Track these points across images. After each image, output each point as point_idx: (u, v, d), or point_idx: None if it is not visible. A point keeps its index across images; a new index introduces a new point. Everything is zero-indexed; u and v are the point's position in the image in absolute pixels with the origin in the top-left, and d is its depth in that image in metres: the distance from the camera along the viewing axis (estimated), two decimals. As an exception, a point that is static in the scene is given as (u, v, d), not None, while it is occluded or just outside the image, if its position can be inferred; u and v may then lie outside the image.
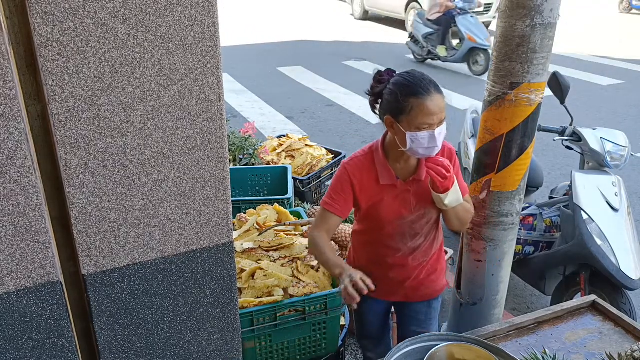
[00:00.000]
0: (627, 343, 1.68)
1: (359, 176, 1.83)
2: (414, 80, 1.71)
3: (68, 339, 1.21)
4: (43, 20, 0.99)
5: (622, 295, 2.64)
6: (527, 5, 1.96)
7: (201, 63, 1.16)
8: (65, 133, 1.07)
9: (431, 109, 1.67)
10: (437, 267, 2.07)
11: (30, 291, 1.13)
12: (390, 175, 1.81)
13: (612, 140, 2.87)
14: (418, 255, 1.95)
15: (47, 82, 1.03)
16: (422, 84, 1.70)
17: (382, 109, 1.79)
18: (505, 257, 2.41)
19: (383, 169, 1.81)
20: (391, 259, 1.94)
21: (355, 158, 1.88)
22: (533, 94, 2.07)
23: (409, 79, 1.72)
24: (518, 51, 2.02)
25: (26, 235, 1.09)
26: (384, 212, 1.84)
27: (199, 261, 1.33)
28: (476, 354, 1.48)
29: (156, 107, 1.15)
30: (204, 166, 1.25)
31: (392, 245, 1.91)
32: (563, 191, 3.26)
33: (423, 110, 1.67)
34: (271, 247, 2.19)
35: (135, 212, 1.21)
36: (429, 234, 1.95)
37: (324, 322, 2.10)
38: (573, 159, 5.01)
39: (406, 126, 1.69)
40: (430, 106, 1.67)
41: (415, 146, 1.70)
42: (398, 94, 1.69)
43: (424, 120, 1.67)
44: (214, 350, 1.45)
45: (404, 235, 1.89)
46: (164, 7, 1.09)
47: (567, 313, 1.83)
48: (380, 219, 1.87)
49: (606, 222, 2.67)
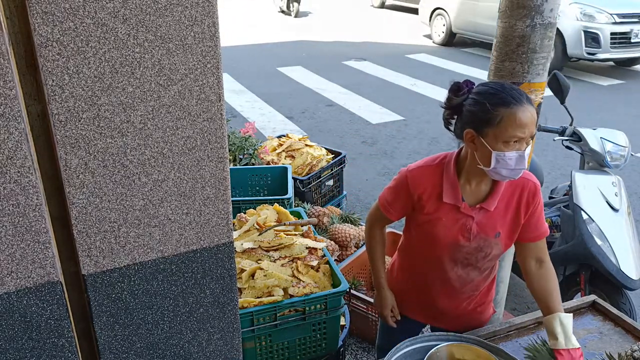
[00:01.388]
0: (627, 343, 1.68)
1: (422, 188, 1.69)
2: (504, 89, 1.53)
3: (68, 339, 1.21)
4: (43, 20, 0.99)
5: (622, 295, 2.64)
6: (527, 5, 1.96)
7: (201, 63, 1.16)
8: (65, 133, 1.07)
9: (523, 120, 1.48)
10: (486, 299, 1.92)
11: (30, 291, 1.13)
12: (456, 196, 1.65)
13: (612, 140, 2.87)
14: (468, 288, 1.80)
15: (47, 82, 1.03)
16: (514, 93, 1.51)
17: (461, 122, 1.61)
18: (506, 257, 2.41)
19: (450, 187, 1.65)
20: (438, 287, 1.81)
21: (420, 167, 1.72)
22: (533, 94, 2.08)
23: (498, 88, 1.54)
24: (518, 51, 2.03)
25: (26, 235, 1.09)
26: (440, 233, 1.69)
27: (199, 261, 1.33)
28: (476, 353, 1.48)
29: (156, 107, 1.15)
30: (204, 166, 1.25)
31: (441, 272, 1.77)
32: (563, 191, 3.27)
33: (515, 121, 1.47)
34: (271, 247, 2.19)
35: (135, 212, 1.21)
36: (485, 268, 1.78)
37: (324, 322, 2.10)
38: (573, 159, 5.01)
39: (492, 140, 1.51)
40: (523, 117, 1.48)
41: (499, 166, 1.52)
42: (486, 103, 1.51)
43: (515, 133, 1.48)
44: (214, 350, 1.45)
45: (456, 263, 1.74)
46: (164, 7, 1.09)
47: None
48: (433, 239, 1.72)
49: (606, 222, 2.67)
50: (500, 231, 1.67)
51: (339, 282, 2.08)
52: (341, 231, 3.11)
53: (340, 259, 3.01)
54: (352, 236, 3.07)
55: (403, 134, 6.20)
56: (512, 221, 1.67)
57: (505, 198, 1.65)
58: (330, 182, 3.71)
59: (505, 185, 1.65)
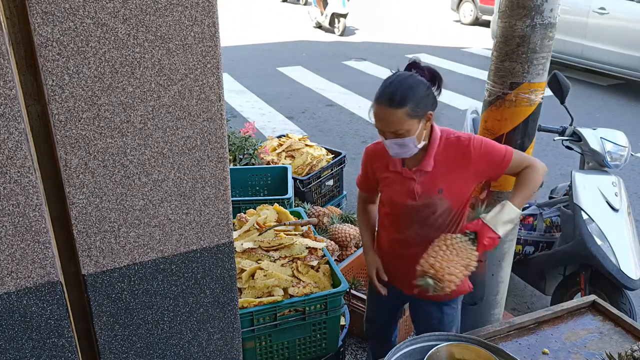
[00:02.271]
0: (627, 343, 1.68)
1: (376, 161, 1.96)
2: (385, 85, 1.74)
3: (68, 339, 1.21)
4: (43, 20, 0.99)
5: (622, 295, 2.64)
6: (527, 5, 1.96)
7: (201, 63, 1.16)
8: (65, 133, 1.07)
9: (381, 118, 1.73)
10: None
11: (30, 291, 1.13)
12: (396, 163, 1.89)
13: (612, 140, 2.87)
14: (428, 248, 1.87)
15: (47, 82, 1.03)
16: (385, 92, 1.72)
17: None
18: (505, 257, 2.41)
19: (390, 157, 1.87)
20: (402, 249, 1.96)
21: (373, 144, 2.00)
22: (533, 94, 2.08)
23: (385, 82, 1.76)
24: (518, 51, 2.03)
25: (26, 235, 1.09)
26: (394, 197, 1.92)
27: (199, 261, 1.33)
28: (476, 353, 1.48)
29: (156, 107, 1.15)
30: (204, 166, 1.25)
31: (401, 232, 1.95)
32: (563, 191, 3.26)
33: (377, 116, 1.75)
34: (271, 247, 2.19)
35: (135, 212, 1.21)
36: (440, 227, 1.89)
37: (323, 322, 2.10)
38: (573, 159, 5.01)
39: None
40: (381, 115, 1.73)
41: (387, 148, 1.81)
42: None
43: (378, 125, 1.76)
44: (214, 350, 1.45)
45: (413, 223, 1.91)
46: (164, 7, 1.09)
47: (567, 313, 1.83)
48: (391, 204, 1.95)
49: (606, 222, 2.67)
50: (443, 188, 1.84)
51: (339, 282, 2.08)
52: (341, 231, 3.11)
53: (340, 259, 3.01)
54: (352, 236, 3.07)
55: (403, 134, 6.19)
56: (457, 177, 1.83)
57: (445, 158, 1.83)
58: (330, 182, 3.71)
59: (443, 147, 1.84)
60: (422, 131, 1.77)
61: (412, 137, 1.73)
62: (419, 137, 1.76)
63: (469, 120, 3.81)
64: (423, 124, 1.76)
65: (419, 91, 1.72)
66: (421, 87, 1.73)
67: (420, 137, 1.77)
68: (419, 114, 1.72)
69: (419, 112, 1.72)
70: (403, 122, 1.70)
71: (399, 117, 1.70)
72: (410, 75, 1.76)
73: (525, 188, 1.80)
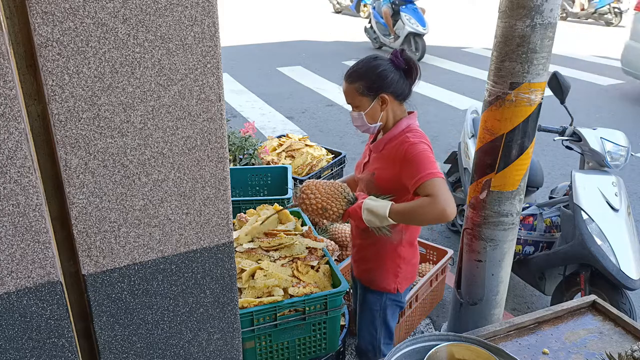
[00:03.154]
0: (627, 343, 1.68)
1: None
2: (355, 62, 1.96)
3: (68, 339, 1.21)
4: (43, 20, 0.99)
5: (622, 295, 2.64)
6: (527, 5, 1.96)
7: (201, 63, 1.16)
8: (65, 133, 1.07)
9: (342, 90, 1.97)
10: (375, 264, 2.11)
11: (30, 291, 1.13)
12: (369, 138, 2.15)
13: (612, 140, 2.87)
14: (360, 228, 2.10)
15: (47, 82, 1.03)
16: (350, 69, 1.95)
17: None
18: (505, 257, 2.41)
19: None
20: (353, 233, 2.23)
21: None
22: (533, 94, 2.08)
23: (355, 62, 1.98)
24: (518, 51, 2.03)
25: (26, 235, 1.09)
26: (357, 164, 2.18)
27: (199, 261, 1.33)
28: (476, 353, 1.48)
29: (156, 107, 1.15)
30: (204, 166, 1.25)
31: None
32: (563, 191, 3.27)
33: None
34: (271, 247, 2.19)
35: (135, 212, 1.21)
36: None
37: (324, 322, 2.10)
38: (573, 159, 5.01)
39: None
40: (342, 88, 1.97)
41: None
42: None
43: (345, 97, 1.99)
44: (214, 350, 1.45)
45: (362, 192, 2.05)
46: (164, 7, 1.09)
47: (567, 313, 1.83)
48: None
49: (606, 222, 2.67)
50: (376, 172, 1.98)
51: (339, 282, 2.08)
52: (341, 231, 3.11)
53: (340, 259, 3.01)
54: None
55: (403, 134, 6.19)
56: (388, 168, 1.94)
57: (390, 148, 1.96)
58: (330, 182, 3.70)
59: (391, 139, 1.97)
60: (375, 111, 1.93)
61: (361, 112, 1.93)
62: (369, 115, 1.94)
63: (469, 120, 3.81)
64: (377, 104, 1.92)
65: (373, 72, 1.88)
66: (377, 70, 1.88)
67: (372, 116, 1.94)
68: (369, 93, 1.90)
69: (369, 91, 1.90)
70: (354, 97, 1.92)
71: (350, 91, 1.93)
72: (375, 58, 1.93)
73: (410, 208, 1.79)
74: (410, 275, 2.18)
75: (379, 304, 2.17)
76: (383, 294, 2.14)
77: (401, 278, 2.12)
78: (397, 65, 1.91)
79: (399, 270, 2.11)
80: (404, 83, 1.94)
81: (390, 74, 1.89)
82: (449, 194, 1.76)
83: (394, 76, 1.90)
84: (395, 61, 1.90)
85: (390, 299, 2.15)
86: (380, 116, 1.94)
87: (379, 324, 2.20)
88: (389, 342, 2.26)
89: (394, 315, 2.21)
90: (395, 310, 2.20)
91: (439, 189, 1.75)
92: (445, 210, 1.72)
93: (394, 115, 1.97)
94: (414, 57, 1.95)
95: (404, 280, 2.14)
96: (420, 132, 1.95)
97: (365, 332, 2.24)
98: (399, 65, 1.91)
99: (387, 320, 2.20)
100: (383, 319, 2.19)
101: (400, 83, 1.92)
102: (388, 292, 2.14)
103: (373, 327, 2.20)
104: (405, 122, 1.96)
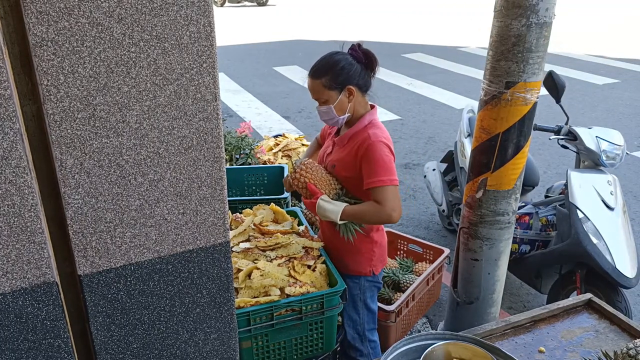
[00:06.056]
0: (622, 341, 1.68)
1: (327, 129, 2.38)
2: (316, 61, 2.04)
3: (64, 340, 1.21)
4: (38, 19, 0.99)
5: (617, 293, 2.65)
6: (522, 5, 1.96)
7: (197, 62, 1.16)
8: (60, 133, 1.07)
9: (308, 88, 2.07)
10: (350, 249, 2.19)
11: (25, 292, 1.12)
12: (333, 132, 2.25)
13: (608, 139, 2.88)
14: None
15: (42, 82, 1.02)
16: (311, 66, 2.04)
17: None
18: (502, 255, 2.42)
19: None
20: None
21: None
22: (529, 93, 2.08)
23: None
24: (514, 50, 2.03)
25: (22, 236, 1.08)
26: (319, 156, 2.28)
27: (196, 261, 1.33)
28: (473, 352, 1.48)
29: (152, 107, 1.14)
30: (200, 166, 1.25)
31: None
32: (559, 190, 3.28)
33: (307, 86, 2.07)
34: (268, 246, 2.19)
35: (131, 212, 1.20)
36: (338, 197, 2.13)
37: (320, 321, 2.10)
38: (569, 158, 5.03)
39: None
40: (307, 85, 2.06)
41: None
42: None
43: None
44: (210, 350, 1.45)
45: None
46: (160, 6, 1.08)
47: (563, 311, 1.84)
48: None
49: (602, 221, 2.68)
50: (336, 164, 2.11)
51: (336, 281, 2.08)
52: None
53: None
54: (348, 235, 3.07)
55: (399, 133, 6.20)
56: (349, 163, 2.06)
57: (352, 142, 2.06)
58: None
59: (354, 134, 2.07)
60: (343, 103, 2.03)
61: (330, 105, 2.02)
62: (338, 107, 2.03)
63: (465, 119, 3.82)
64: (344, 97, 2.02)
65: (337, 66, 1.98)
66: (340, 64, 1.99)
67: (340, 109, 2.04)
68: (335, 87, 2.00)
69: (335, 85, 1.99)
70: (321, 91, 2.01)
71: (316, 87, 2.02)
72: (335, 53, 2.04)
73: (361, 212, 2.01)
74: (383, 258, 2.30)
75: (358, 288, 2.25)
76: (361, 277, 2.23)
77: (375, 261, 2.24)
78: (357, 58, 2.04)
79: (373, 254, 2.22)
80: (366, 74, 2.07)
81: (353, 67, 2.01)
82: (397, 201, 1.97)
83: (357, 68, 2.02)
84: (355, 55, 2.04)
85: (367, 281, 2.25)
86: (348, 107, 2.05)
87: (360, 307, 2.27)
88: (373, 327, 2.34)
89: (373, 297, 2.30)
90: (374, 291, 2.30)
91: (387, 197, 1.95)
92: (391, 216, 1.96)
93: (359, 106, 2.09)
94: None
95: (378, 263, 2.25)
96: (383, 128, 2.08)
97: (348, 319, 2.29)
98: (358, 58, 2.04)
99: (367, 303, 2.28)
100: (364, 302, 2.27)
101: (363, 75, 2.05)
102: (365, 275, 2.23)
103: (356, 312, 2.28)
104: (368, 117, 2.09)
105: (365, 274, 2.23)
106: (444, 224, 4.22)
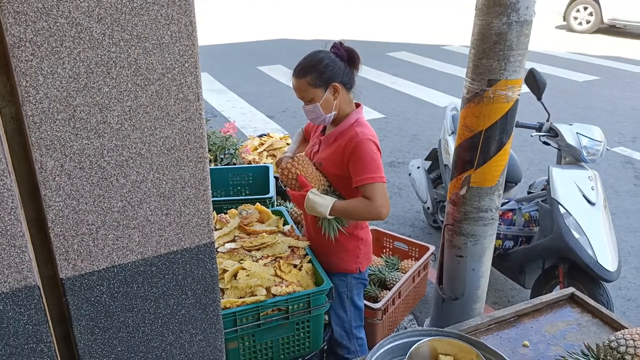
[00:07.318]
0: (604, 334, 1.71)
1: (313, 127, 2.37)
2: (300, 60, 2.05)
3: (47, 344, 1.19)
4: (15, 20, 0.97)
5: (599, 287, 2.69)
6: (503, 3, 1.98)
7: (178, 62, 1.15)
8: (40, 135, 1.05)
9: (293, 87, 2.07)
10: (336, 247, 2.20)
11: (6, 296, 1.11)
12: (319, 130, 2.26)
13: (588, 135, 2.93)
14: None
15: (21, 83, 1.01)
16: (295, 66, 2.05)
17: None
18: (486, 252, 2.44)
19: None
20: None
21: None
22: (510, 90, 2.10)
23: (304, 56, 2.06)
24: (495, 48, 2.05)
25: (1, 239, 1.07)
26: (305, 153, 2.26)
27: (180, 262, 1.32)
28: (458, 348, 1.49)
29: (133, 108, 1.13)
30: (184, 166, 1.24)
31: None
32: (541, 186, 3.32)
33: (292, 86, 2.08)
34: (253, 246, 2.19)
35: (113, 214, 1.19)
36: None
37: (307, 320, 2.10)
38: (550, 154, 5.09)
39: None
40: (292, 85, 2.07)
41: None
42: None
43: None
44: (196, 351, 1.44)
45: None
46: (140, 5, 1.07)
47: (547, 306, 1.86)
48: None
49: (583, 216, 2.72)
50: (323, 162, 2.12)
51: (322, 280, 2.08)
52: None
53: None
54: (334, 234, 3.08)
55: (384, 132, 6.22)
56: (336, 161, 2.07)
57: (339, 140, 2.07)
58: (312, 181, 3.70)
59: (341, 133, 2.08)
60: (329, 101, 2.04)
61: (316, 104, 2.03)
62: (324, 105, 2.04)
63: (448, 117, 3.84)
64: (330, 94, 2.04)
65: (321, 64, 2.00)
66: (324, 62, 2.01)
67: (327, 106, 2.05)
68: (321, 84, 2.01)
69: (321, 83, 2.00)
70: (307, 90, 2.02)
71: (302, 86, 2.02)
72: (319, 52, 2.06)
73: (351, 208, 2.03)
74: (369, 255, 2.32)
75: (345, 285, 2.27)
76: (347, 274, 2.25)
77: (362, 258, 2.27)
78: (339, 56, 2.06)
79: (359, 252, 2.25)
80: (350, 72, 2.09)
81: (336, 64, 2.03)
82: (385, 198, 1.99)
83: (340, 66, 2.05)
84: (337, 52, 2.06)
85: (354, 278, 2.27)
86: (334, 105, 2.06)
87: (347, 304, 2.29)
88: (359, 324, 2.36)
89: (359, 294, 2.32)
90: (360, 288, 2.32)
91: (376, 194, 1.97)
92: (381, 212, 1.98)
93: (345, 104, 2.10)
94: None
95: (364, 260, 2.28)
96: (368, 126, 2.09)
97: (335, 317, 2.31)
98: (341, 55, 2.06)
99: (354, 300, 2.30)
100: (351, 299, 2.29)
101: (347, 72, 2.07)
102: (352, 273, 2.25)
103: (343, 310, 2.29)
104: (355, 115, 2.10)
105: (352, 271, 2.24)
106: (429, 221, 4.25)
